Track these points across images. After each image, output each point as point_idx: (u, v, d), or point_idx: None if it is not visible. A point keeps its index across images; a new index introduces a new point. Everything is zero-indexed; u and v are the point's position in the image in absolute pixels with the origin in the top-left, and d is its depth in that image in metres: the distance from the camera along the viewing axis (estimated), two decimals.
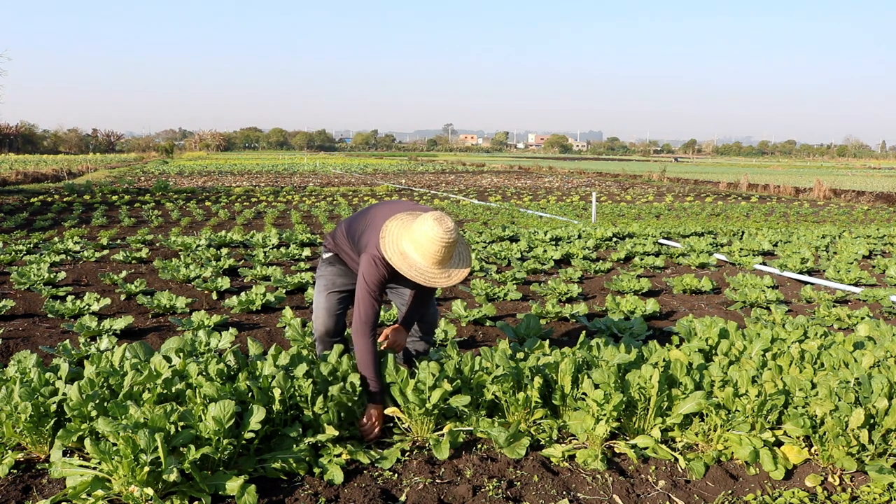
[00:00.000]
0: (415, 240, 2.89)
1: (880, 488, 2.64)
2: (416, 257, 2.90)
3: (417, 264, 2.90)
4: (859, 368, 3.29)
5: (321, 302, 3.44)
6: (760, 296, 5.96)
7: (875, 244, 9.67)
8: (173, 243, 8.61)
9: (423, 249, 2.87)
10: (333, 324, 3.43)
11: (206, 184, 23.92)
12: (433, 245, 2.85)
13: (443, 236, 2.84)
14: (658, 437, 2.94)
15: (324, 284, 3.44)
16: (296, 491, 2.58)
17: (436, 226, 2.85)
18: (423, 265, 2.90)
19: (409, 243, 2.91)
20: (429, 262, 2.89)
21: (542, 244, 9.03)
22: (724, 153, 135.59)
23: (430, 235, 2.84)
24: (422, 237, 2.86)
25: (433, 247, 2.85)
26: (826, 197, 20.56)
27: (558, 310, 5.27)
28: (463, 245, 3.06)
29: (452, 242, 2.87)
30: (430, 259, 2.88)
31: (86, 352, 4.12)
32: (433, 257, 2.87)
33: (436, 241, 2.84)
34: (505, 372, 3.05)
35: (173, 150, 69.86)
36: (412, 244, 2.90)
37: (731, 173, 33.60)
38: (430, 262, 2.89)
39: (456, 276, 2.96)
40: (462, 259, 3.02)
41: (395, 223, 2.99)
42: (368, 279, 3.02)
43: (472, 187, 23.58)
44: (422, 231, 2.87)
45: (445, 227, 2.86)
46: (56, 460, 2.57)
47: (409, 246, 2.91)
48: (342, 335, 3.53)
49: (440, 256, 2.88)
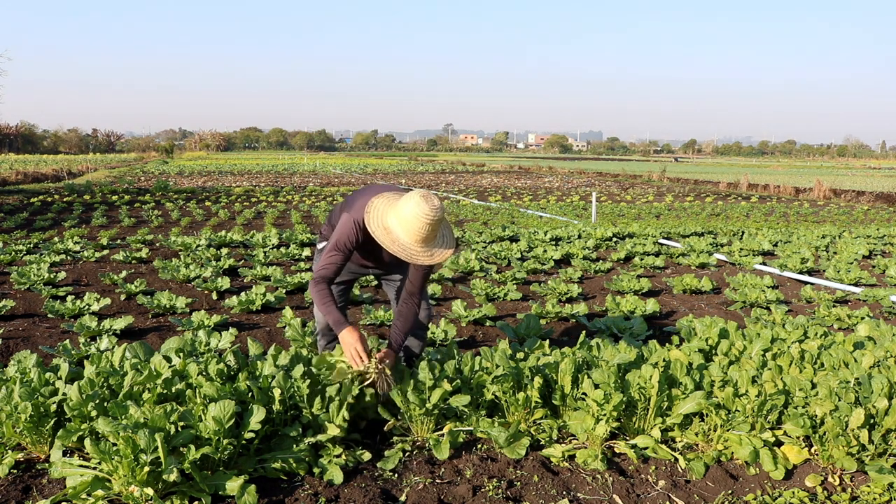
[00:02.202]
0: (400, 216, 2.89)
1: (880, 488, 2.64)
2: (400, 233, 2.90)
3: (401, 240, 2.90)
4: (859, 368, 3.29)
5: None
6: (760, 296, 5.96)
7: (875, 244, 9.67)
8: (173, 243, 8.61)
9: (407, 225, 2.87)
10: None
11: (206, 184, 23.92)
12: (418, 222, 2.84)
13: (428, 213, 2.84)
14: (658, 437, 2.94)
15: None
16: (296, 491, 2.58)
17: (422, 202, 2.85)
18: (407, 241, 2.90)
19: (394, 219, 2.91)
20: (412, 239, 2.89)
21: (542, 244, 9.03)
22: (724, 153, 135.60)
23: (415, 212, 2.84)
24: (407, 213, 2.86)
25: (417, 223, 2.84)
26: (826, 197, 20.56)
27: (558, 310, 5.27)
28: (447, 227, 3.07)
29: (437, 221, 2.87)
30: (413, 236, 2.88)
31: (86, 352, 4.12)
32: (417, 234, 2.87)
33: (420, 218, 2.84)
34: (505, 372, 3.05)
35: (173, 150, 69.86)
36: (397, 220, 2.91)
37: (731, 173, 33.60)
38: (414, 239, 2.89)
39: (439, 255, 2.95)
40: (446, 241, 3.02)
41: (381, 200, 3.00)
42: (340, 236, 3.05)
43: (472, 187, 23.58)
44: (407, 207, 2.86)
45: (431, 205, 2.86)
46: (56, 460, 2.57)
47: (393, 222, 2.92)
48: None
49: (424, 234, 2.87)
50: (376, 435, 3.07)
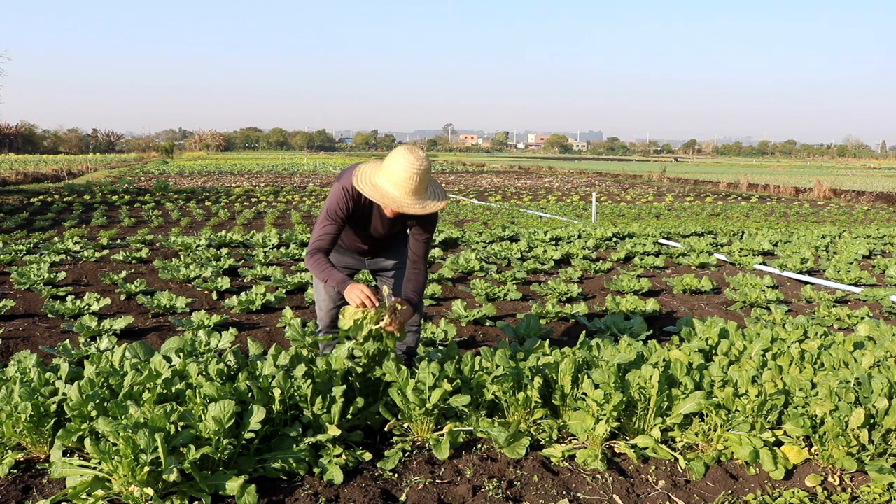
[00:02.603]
0: (387, 172, 2.93)
1: (880, 488, 2.64)
2: (390, 188, 2.93)
3: (391, 194, 2.93)
4: (859, 368, 3.29)
5: (322, 294, 3.47)
6: (760, 296, 5.96)
7: (875, 244, 9.67)
8: (173, 243, 8.61)
9: (395, 179, 2.90)
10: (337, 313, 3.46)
11: (206, 184, 23.92)
12: (405, 172, 2.87)
13: (414, 163, 2.88)
14: (658, 437, 2.94)
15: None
16: (296, 491, 2.58)
17: (407, 154, 2.90)
18: (397, 195, 2.93)
19: (383, 177, 2.96)
20: (402, 192, 2.92)
21: (542, 244, 9.03)
22: (724, 153, 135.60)
23: (402, 164, 2.88)
24: (394, 167, 2.90)
25: (405, 174, 2.87)
26: (826, 197, 20.56)
27: (558, 310, 5.27)
28: (436, 184, 3.10)
29: (424, 171, 2.90)
30: (402, 188, 2.91)
31: (86, 352, 4.12)
32: (406, 186, 2.90)
33: (407, 169, 2.87)
34: (505, 372, 3.05)
35: (173, 150, 69.87)
36: (385, 177, 2.95)
37: (731, 173, 33.59)
38: (403, 191, 2.91)
39: (431, 206, 2.98)
40: (436, 195, 3.05)
41: (369, 165, 3.07)
42: (331, 204, 3.10)
43: (472, 187, 23.57)
44: (393, 161, 2.91)
45: (416, 156, 2.90)
46: (56, 460, 2.57)
47: (382, 179, 2.96)
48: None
49: (413, 185, 2.90)
50: (376, 435, 3.08)
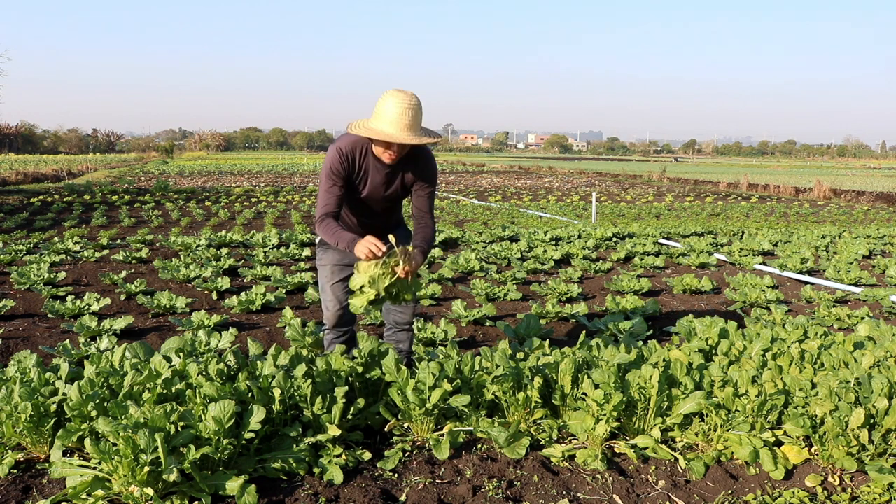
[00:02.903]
0: (380, 113, 3.02)
1: (880, 488, 2.64)
2: (385, 126, 3.01)
3: (386, 131, 3.01)
4: (859, 368, 3.29)
5: (329, 294, 3.48)
6: (760, 296, 5.96)
7: (875, 244, 9.67)
8: (173, 243, 8.61)
9: (389, 117, 2.99)
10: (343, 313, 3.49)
11: (206, 184, 23.92)
12: (398, 108, 2.97)
13: (404, 99, 2.98)
14: (658, 437, 2.94)
15: (327, 275, 3.48)
16: (296, 491, 2.58)
17: (396, 93, 3.00)
18: (392, 131, 3.00)
19: (375, 120, 3.05)
20: (397, 129, 3.00)
21: (542, 244, 9.03)
22: (724, 153, 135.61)
23: (393, 102, 2.97)
24: (386, 106, 2.99)
25: (398, 109, 2.97)
26: (826, 197, 20.56)
27: (558, 310, 5.27)
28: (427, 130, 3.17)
29: (416, 106, 3.00)
30: (397, 125, 2.99)
31: (86, 352, 4.12)
32: (400, 121, 2.98)
33: (399, 105, 2.96)
34: (505, 372, 3.05)
35: (173, 150, 69.89)
36: (377, 119, 3.04)
37: (731, 173, 33.60)
38: (398, 127, 2.99)
39: (426, 139, 3.06)
40: (430, 133, 3.14)
41: (360, 119, 3.16)
42: (328, 166, 3.18)
43: (472, 187, 23.58)
44: (384, 102, 3.00)
45: (406, 93, 3.00)
46: (56, 460, 2.57)
47: (375, 122, 3.04)
48: (353, 324, 3.60)
49: (407, 120, 2.99)
50: (376, 435, 3.08)
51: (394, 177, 3.27)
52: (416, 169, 3.28)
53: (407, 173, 3.28)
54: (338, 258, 3.46)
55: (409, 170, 3.28)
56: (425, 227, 3.32)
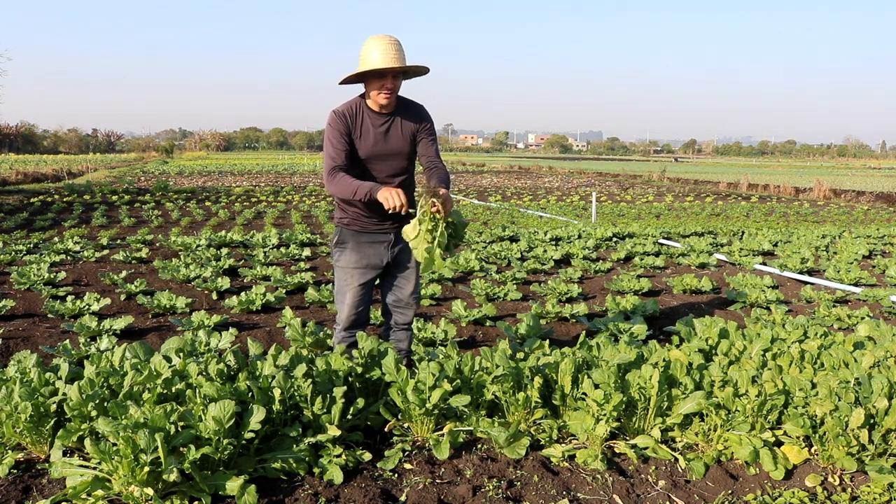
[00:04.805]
0: (365, 57, 3.16)
1: (880, 488, 2.64)
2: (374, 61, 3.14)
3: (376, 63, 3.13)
4: (859, 368, 3.29)
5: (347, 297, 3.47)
6: (760, 296, 5.96)
7: (875, 244, 9.67)
8: (173, 243, 8.61)
9: (375, 56, 3.13)
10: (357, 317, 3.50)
11: (206, 184, 23.93)
12: (381, 44, 3.13)
13: (385, 37, 3.16)
14: (658, 437, 2.94)
15: (344, 277, 3.47)
16: (296, 491, 2.57)
17: (375, 36, 3.19)
18: (381, 62, 3.13)
19: (362, 63, 3.18)
20: (386, 61, 3.13)
21: (542, 244, 9.03)
22: (724, 153, 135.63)
23: (375, 41, 3.15)
24: (369, 48, 3.15)
25: (382, 45, 3.13)
26: (826, 197, 20.57)
27: (558, 310, 5.27)
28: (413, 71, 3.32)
29: (397, 42, 3.18)
30: (385, 59, 3.13)
31: (86, 352, 4.12)
32: (387, 55, 3.13)
33: (381, 41, 3.14)
34: (505, 372, 3.05)
35: (173, 150, 69.92)
36: (364, 61, 3.17)
37: (731, 173, 33.60)
38: (387, 60, 3.13)
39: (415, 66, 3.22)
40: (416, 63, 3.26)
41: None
42: (328, 131, 3.28)
43: (472, 187, 23.58)
44: (367, 46, 3.16)
45: (385, 35, 3.19)
46: (56, 460, 2.57)
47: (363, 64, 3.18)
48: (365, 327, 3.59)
49: (393, 52, 3.15)
50: (376, 435, 3.08)
51: (391, 128, 3.34)
52: (410, 115, 3.38)
53: (403, 122, 3.36)
54: (355, 259, 3.44)
55: (405, 117, 3.36)
56: (440, 171, 3.39)
